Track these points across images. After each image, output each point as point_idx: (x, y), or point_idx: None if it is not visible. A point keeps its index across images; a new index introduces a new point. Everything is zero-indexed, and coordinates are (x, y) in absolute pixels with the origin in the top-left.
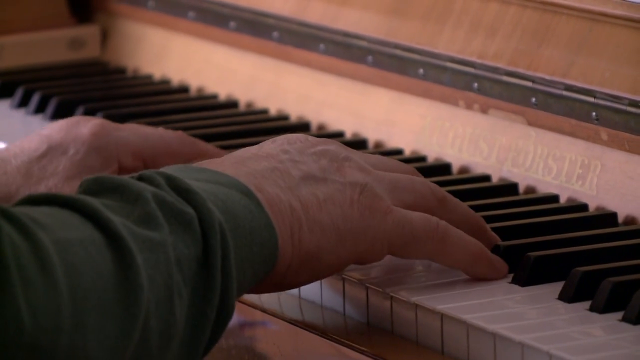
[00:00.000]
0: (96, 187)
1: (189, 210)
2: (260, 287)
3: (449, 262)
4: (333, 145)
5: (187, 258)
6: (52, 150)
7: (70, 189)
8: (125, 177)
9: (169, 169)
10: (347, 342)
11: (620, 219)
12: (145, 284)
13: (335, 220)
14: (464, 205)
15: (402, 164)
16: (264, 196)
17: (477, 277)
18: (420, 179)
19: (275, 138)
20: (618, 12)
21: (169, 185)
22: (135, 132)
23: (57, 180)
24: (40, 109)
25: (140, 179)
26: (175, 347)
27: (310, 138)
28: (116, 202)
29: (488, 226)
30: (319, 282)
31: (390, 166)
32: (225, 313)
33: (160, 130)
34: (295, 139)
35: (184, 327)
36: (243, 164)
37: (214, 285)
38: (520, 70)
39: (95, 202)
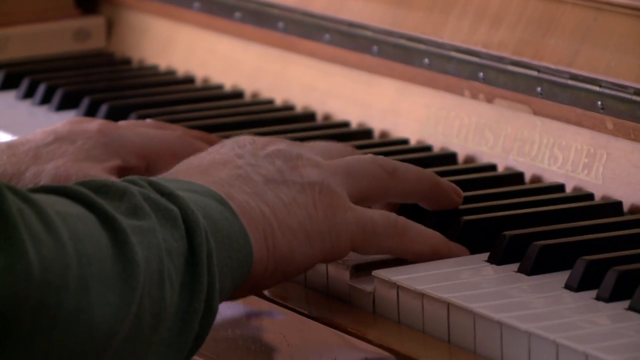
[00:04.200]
0: None
1: (174, 207)
2: (237, 293)
3: (410, 255)
4: (282, 144)
5: (175, 251)
6: (59, 140)
7: (77, 169)
8: (110, 179)
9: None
10: (353, 331)
11: (625, 208)
12: (141, 261)
13: (302, 222)
14: (414, 168)
15: (344, 146)
16: (235, 204)
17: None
18: (367, 157)
19: (223, 142)
20: (623, 1)
21: (152, 188)
22: (137, 133)
23: (65, 160)
24: (45, 100)
25: (124, 181)
26: (164, 333)
27: (258, 139)
28: (103, 199)
29: (442, 179)
30: (325, 272)
31: (333, 151)
32: (209, 313)
33: (161, 132)
34: (243, 142)
35: (174, 318)
36: (207, 173)
37: (201, 280)
38: (526, 59)
39: (84, 189)
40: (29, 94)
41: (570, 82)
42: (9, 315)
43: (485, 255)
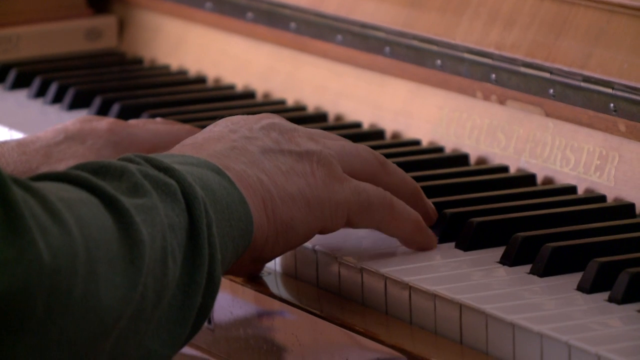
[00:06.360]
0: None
1: (172, 182)
2: (240, 265)
3: (394, 230)
4: (277, 118)
5: (178, 225)
6: (69, 139)
7: None
8: (107, 160)
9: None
10: (365, 332)
11: (638, 210)
12: (146, 240)
13: (301, 189)
14: (401, 170)
15: (339, 137)
16: (232, 173)
17: (414, 247)
18: (362, 145)
19: (216, 122)
20: (636, 3)
21: (149, 164)
22: (147, 130)
23: (77, 161)
24: (57, 99)
25: (121, 160)
26: (165, 308)
27: (250, 116)
28: (102, 180)
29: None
30: (337, 272)
31: (330, 137)
32: (212, 284)
33: (170, 127)
34: (236, 119)
35: (176, 292)
36: (201, 147)
37: (202, 253)
38: (538, 61)
39: (84, 173)
40: (40, 93)
41: (582, 84)
42: (22, 304)
43: (498, 257)
